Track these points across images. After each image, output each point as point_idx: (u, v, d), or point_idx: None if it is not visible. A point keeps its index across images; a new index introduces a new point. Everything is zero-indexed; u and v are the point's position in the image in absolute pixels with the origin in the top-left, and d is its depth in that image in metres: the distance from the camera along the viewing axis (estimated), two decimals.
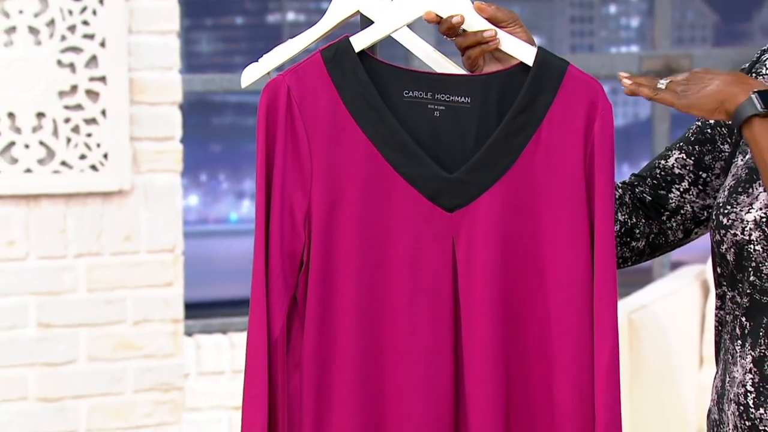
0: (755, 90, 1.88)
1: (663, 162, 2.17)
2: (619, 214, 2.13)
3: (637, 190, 2.17)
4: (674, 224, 2.17)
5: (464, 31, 2.02)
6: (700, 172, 2.14)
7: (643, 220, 2.16)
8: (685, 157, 2.15)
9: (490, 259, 2.00)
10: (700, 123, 2.15)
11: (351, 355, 2.02)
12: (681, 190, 2.15)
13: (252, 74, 2.07)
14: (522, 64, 2.02)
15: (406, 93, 2.01)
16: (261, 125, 1.99)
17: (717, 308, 2.08)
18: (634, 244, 2.15)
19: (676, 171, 2.15)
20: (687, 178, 2.15)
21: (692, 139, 2.16)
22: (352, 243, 2.01)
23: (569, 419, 2.02)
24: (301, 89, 2.00)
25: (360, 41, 2.00)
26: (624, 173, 2.24)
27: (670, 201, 2.16)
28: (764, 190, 1.95)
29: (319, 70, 2.01)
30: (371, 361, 2.02)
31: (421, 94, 2.01)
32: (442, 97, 2.01)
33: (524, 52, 2.01)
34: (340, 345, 2.02)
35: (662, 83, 1.92)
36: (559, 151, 2.00)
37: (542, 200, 2.01)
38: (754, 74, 2.10)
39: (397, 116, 2.00)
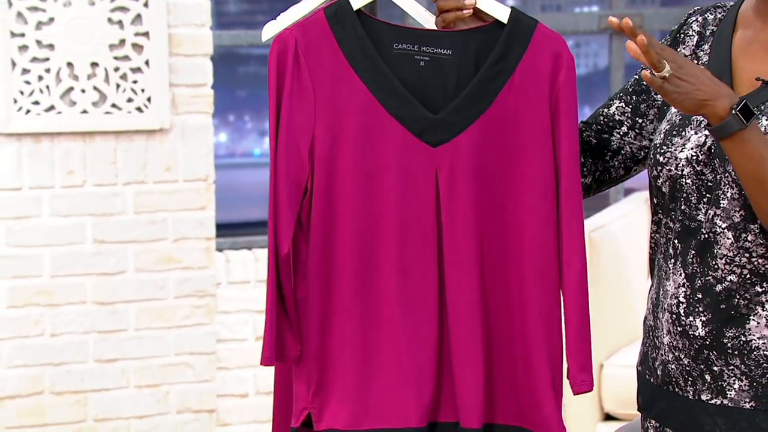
0: (734, 105, 1.82)
1: (606, 110, 2.15)
2: None
3: (584, 134, 2.16)
4: (616, 163, 2.15)
5: None
6: (637, 118, 2.13)
7: (590, 160, 2.15)
8: (624, 106, 2.13)
9: (468, 186, 2.00)
10: (637, 76, 2.14)
11: (350, 267, 2.00)
12: (621, 133, 2.14)
13: (271, 30, 2.06)
14: (496, 22, 2.01)
15: (396, 46, 2.00)
16: (272, 72, 1.98)
17: (653, 232, 2.08)
18: (582, 180, 2.12)
19: (617, 117, 2.14)
20: (626, 123, 2.13)
21: (630, 90, 2.14)
22: (350, 172, 1.99)
23: (538, 320, 2.02)
24: (306, 41, 1.98)
25: (357, 1, 2.00)
26: (585, 114, 2.25)
27: (612, 143, 2.14)
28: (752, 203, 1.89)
29: (322, 26, 1.99)
30: (367, 274, 2.01)
31: (408, 47, 2.00)
32: (427, 49, 2.00)
33: (500, 11, 2.01)
34: (341, 259, 2.01)
35: (667, 72, 1.80)
36: (529, 96, 2.00)
37: (514, 137, 2.01)
38: (682, 35, 2.09)
39: (389, 65, 1.98)
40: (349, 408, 2.01)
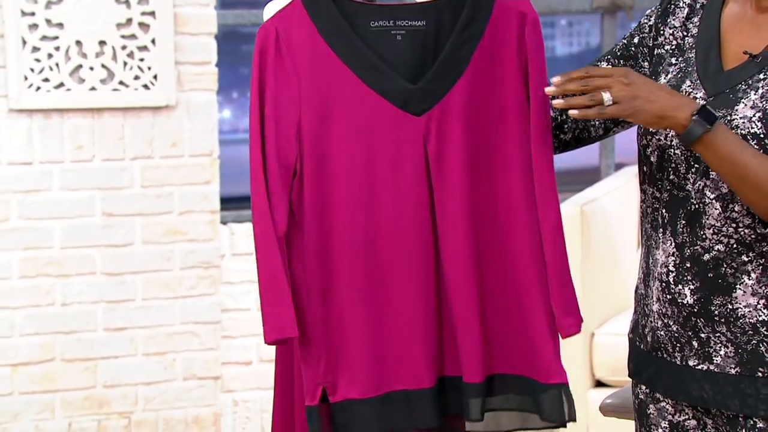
0: (694, 112, 1.84)
1: None
2: (552, 112, 2.09)
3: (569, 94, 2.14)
4: (596, 123, 2.13)
5: None
6: None
7: (571, 119, 2.12)
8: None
9: (455, 148, 2.01)
10: (625, 41, 2.12)
11: (348, 241, 2.01)
12: None
13: (272, 9, 2.07)
14: None
15: (372, 23, 2.01)
16: (255, 63, 1.99)
17: (641, 201, 2.08)
18: (562, 136, 2.14)
19: None
20: None
21: (618, 53, 2.11)
22: (340, 150, 2.00)
23: (529, 270, 2.04)
24: (287, 30, 1.99)
25: None
26: None
27: None
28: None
29: (300, 12, 2.00)
30: (365, 245, 2.01)
31: (384, 23, 2.01)
32: (402, 23, 2.01)
33: None
34: (338, 234, 2.01)
35: (608, 99, 1.84)
36: (501, 56, 2.02)
37: (491, 96, 2.02)
38: (672, 6, 2.07)
39: (367, 43, 2.00)
40: (363, 377, 2.02)
